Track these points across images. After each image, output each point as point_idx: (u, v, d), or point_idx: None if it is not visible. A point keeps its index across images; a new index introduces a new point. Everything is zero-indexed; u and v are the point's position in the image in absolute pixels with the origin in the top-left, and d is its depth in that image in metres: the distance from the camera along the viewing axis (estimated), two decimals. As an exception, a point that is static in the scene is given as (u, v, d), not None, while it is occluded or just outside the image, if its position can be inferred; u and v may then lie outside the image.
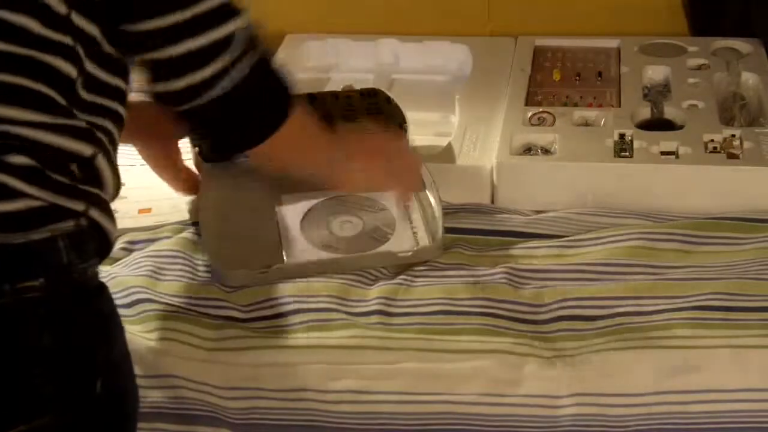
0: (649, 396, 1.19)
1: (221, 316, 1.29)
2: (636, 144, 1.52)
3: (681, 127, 1.57)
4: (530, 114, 1.62)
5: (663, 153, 1.50)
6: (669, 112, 1.62)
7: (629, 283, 1.32)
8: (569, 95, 1.69)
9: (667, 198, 1.47)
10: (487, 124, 1.62)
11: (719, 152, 1.50)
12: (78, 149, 0.97)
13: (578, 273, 1.34)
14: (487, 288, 1.31)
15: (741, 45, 1.81)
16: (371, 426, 1.23)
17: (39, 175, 0.92)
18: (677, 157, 1.50)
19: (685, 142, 1.51)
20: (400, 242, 1.32)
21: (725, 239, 1.39)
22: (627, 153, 1.50)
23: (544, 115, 1.62)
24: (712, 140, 1.52)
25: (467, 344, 1.24)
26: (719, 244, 1.38)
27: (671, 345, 1.22)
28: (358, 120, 1.47)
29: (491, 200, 1.52)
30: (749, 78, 1.71)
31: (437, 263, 1.36)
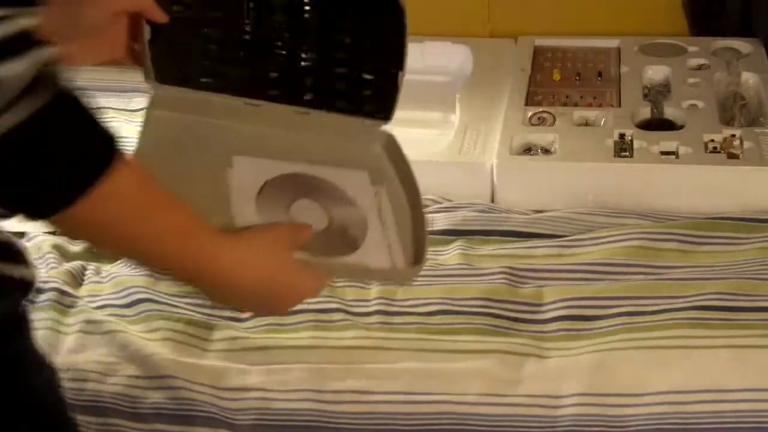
0: (649, 396, 1.19)
1: (221, 317, 1.29)
2: (636, 144, 1.52)
3: (681, 127, 1.57)
4: (530, 114, 1.63)
5: (663, 153, 1.50)
6: (669, 112, 1.62)
7: (629, 283, 1.32)
8: (569, 95, 1.69)
9: (667, 198, 1.47)
10: (488, 124, 1.62)
11: (719, 152, 1.50)
12: None
13: (578, 273, 1.34)
14: (487, 288, 1.31)
15: (741, 45, 1.81)
16: (371, 426, 1.23)
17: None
18: (677, 157, 1.50)
19: (685, 142, 1.51)
20: (372, 255, 1.06)
21: (725, 239, 1.39)
22: (627, 153, 1.50)
23: (544, 115, 1.62)
24: (712, 140, 1.52)
25: (467, 344, 1.24)
26: (719, 244, 1.38)
27: (671, 345, 1.22)
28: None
29: (491, 199, 1.52)
30: (749, 78, 1.71)
31: (437, 263, 1.36)
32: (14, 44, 0.74)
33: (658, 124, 1.59)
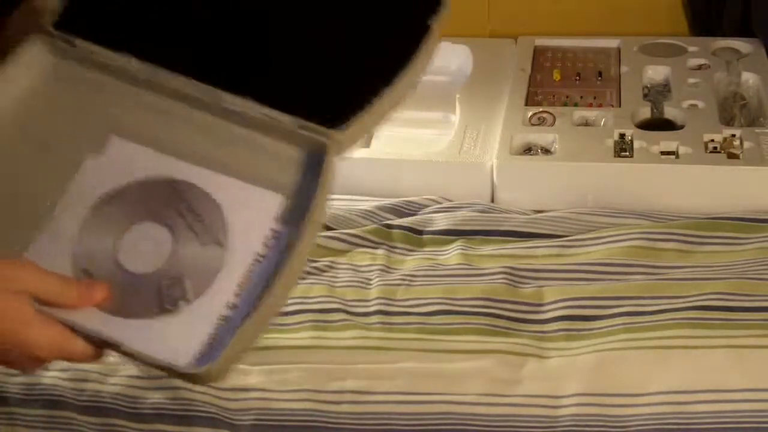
0: (650, 396, 1.19)
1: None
2: (636, 144, 1.52)
3: (681, 127, 1.57)
4: (530, 114, 1.63)
5: (663, 153, 1.50)
6: (669, 112, 1.62)
7: (629, 283, 1.31)
8: (569, 95, 1.69)
9: (667, 198, 1.47)
10: (488, 124, 1.62)
11: (719, 152, 1.50)
12: None
13: (578, 273, 1.34)
14: (487, 288, 1.31)
15: (741, 45, 1.81)
16: (371, 426, 1.23)
17: None
18: (677, 157, 1.50)
19: (685, 142, 1.51)
20: (177, 331, 0.78)
21: (725, 239, 1.39)
22: (627, 153, 1.50)
23: (544, 115, 1.62)
24: (712, 140, 1.52)
25: (467, 344, 1.24)
26: (719, 244, 1.38)
27: (671, 345, 1.22)
28: None
29: (491, 199, 1.52)
30: (749, 78, 1.70)
31: (437, 263, 1.36)
32: None
33: (658, 124, 1.59)
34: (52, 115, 0.85)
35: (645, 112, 1.63)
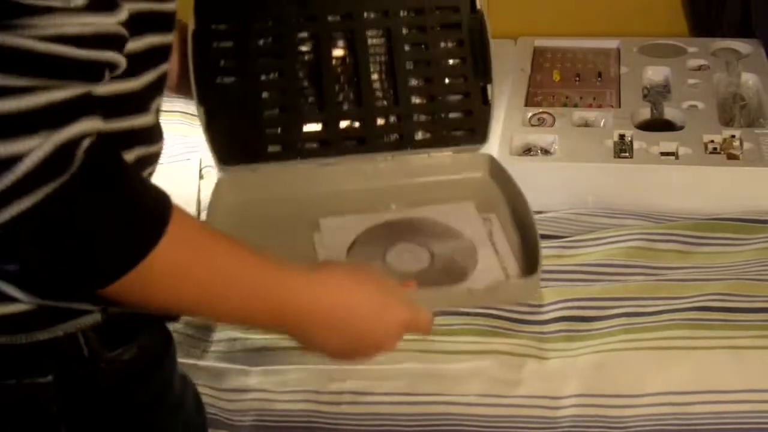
0: (649, 397, 1.19)
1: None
2: (636, 145, 1.52)
3: (681, 128, 1.57)
4: (530, 114, 1.63)
5: (663, 154, 1.50)
6: (669, 113, 1.62)
7: (629, 284, 1.32)
8: (569, 96, 1.69)
9: (667, 199, 1.47)
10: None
11: (719, 153, 1.50)
12: None
13: (578, 273, 1.34)
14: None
15: (741, 45, 1.81)
16: (371, 427, 1.23)
17: (37, 282, 0.78)
18: (677, 158, 1.50)
19: (685, 143, 1.51)
20: (486, 279, 0.98)
21: (725, 240, 1.39)
22: (627, 153, 1.50)
23: (544, 116, 1.62)
24: (712, 141, 1.52)
25: (467, 345, 1.24)
26: (719, 245, 1.38)
27: (671, 346, 1.22)
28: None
29: (491, 201, 1.52)
30: (749, 78, 1.70)
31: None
32: (35, 119, 0.68)
33: (658, 125, 1.59)
34: (265, 224, 1.04)
35: (645, 113, 1.63)
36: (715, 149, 1.50)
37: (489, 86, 1.10)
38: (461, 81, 1.10)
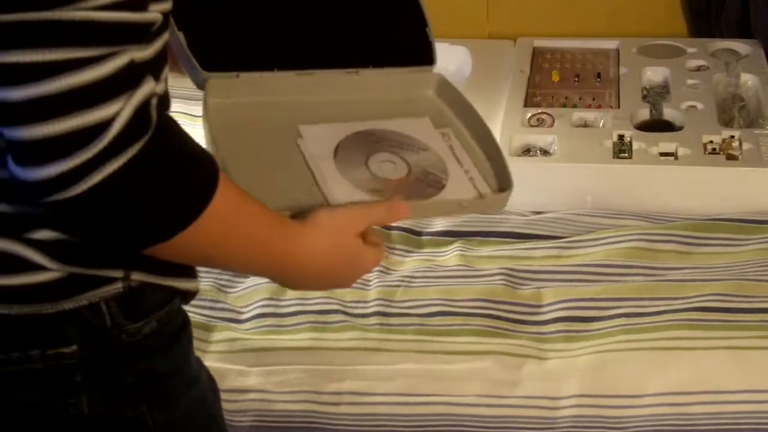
0: (648, 397, 1.19)
1: (219, 318, 1.29)
2: (635, 145, 1.52)
3: (680, 129, 1.57)
4: (529, 115, 1.62)
5: (662, 154, 1.50)
6: (668, 114, 1.62)
7: (628, 285, 1.31)
8: (568, 96, 1.69)
9: (666, 199, 1.47)
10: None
11: (718, 153, 1.50)
12: None
13: (577, 274, 1.34)
14: (486, 289, 1.31)
15: (740, 46, 1.81)
16: (370, 427, 1.23)
17: (64, 249, 0.83)
18: (676, 158, 1.50)
19: (684, 144, 1.51)
20: (459, 190, 1.08)
21: (724, 240, 1.39)
22: (626, 154, 1.50)
23: (543, 116, 1.62)
24: (711, 141, 1.52)
25: (466, 345, 1.24)
26: (718, 245, 1.38)
27: (670, 346, 1.22)
28: None
29: (490, 201, 1.52)
30: (748, 79, 1.71)
31: (436, 264, 1.36)
32: (114, 84, 0.75)
33: (657, 126, 1.59)
34: (253, 126, 1.09)
35: (644, 114, 1.63)
36: (714, 150, 1.50)
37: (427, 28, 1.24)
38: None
